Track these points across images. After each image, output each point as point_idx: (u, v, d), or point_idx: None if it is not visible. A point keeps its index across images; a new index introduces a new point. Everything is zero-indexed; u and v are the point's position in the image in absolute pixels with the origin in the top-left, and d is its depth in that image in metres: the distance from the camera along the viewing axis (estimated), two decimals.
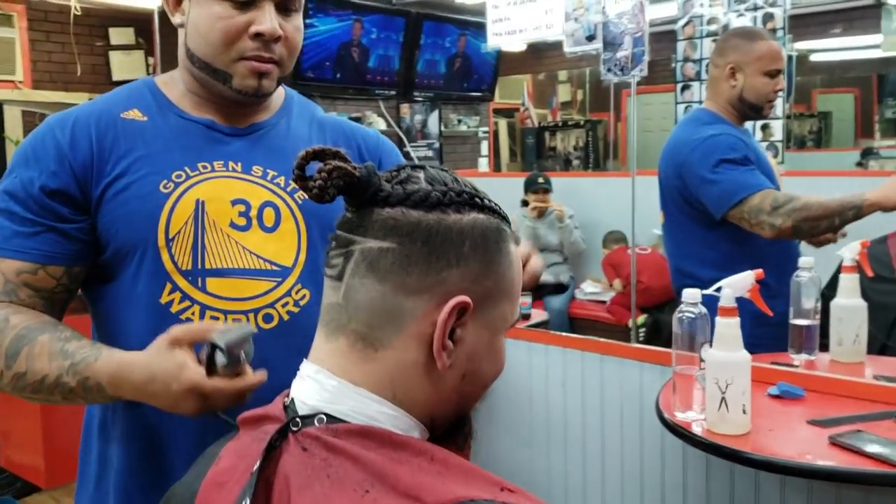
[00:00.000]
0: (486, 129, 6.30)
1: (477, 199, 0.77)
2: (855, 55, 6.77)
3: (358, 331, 0.74)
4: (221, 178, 1.10)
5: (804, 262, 1.89)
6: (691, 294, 1.53)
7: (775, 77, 2.22)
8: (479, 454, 2.32)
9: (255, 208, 1.09)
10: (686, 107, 4.31)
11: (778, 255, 2.10)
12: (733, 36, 2.37)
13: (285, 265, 1.09)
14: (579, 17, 2.23)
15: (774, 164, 2.55)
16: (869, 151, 6.11)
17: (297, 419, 0.74)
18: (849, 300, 1.87)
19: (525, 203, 4.81)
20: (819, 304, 1.88)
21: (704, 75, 4.14)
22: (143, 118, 1.12)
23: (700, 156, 2.12)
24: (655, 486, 1.99)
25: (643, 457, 2.02)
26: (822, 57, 6.99)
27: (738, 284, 1.54)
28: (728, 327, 1.46)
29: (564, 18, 2.30)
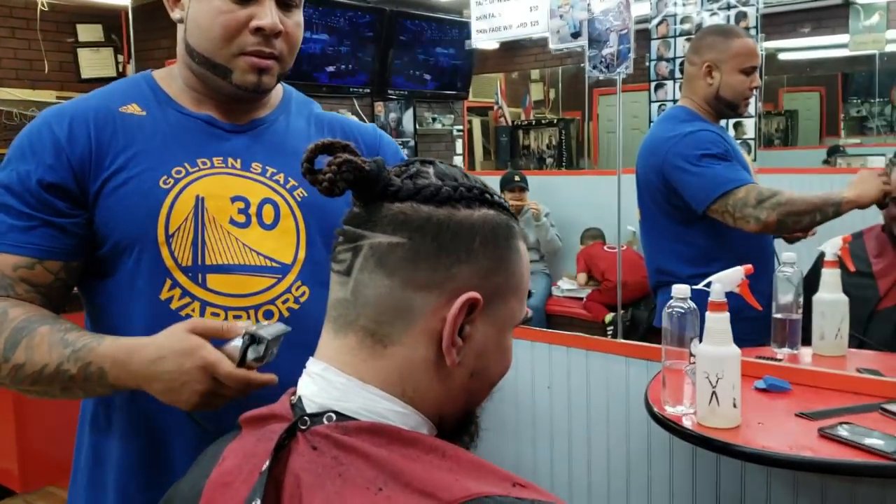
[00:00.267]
0: (460, 127, 6.30)
1: (487, 195, 0.76)
2: (821, 54, 6.88)
3: (366, 327, 0.74)
4: (221, 174, 1.09)
5: (787, 257, 1.91)
6: (681, 290, 1.54)
7: (751, 74, 2.24)
8: None
9: (254, 205, 1.09)
10: (660, 105, 4.35)
11: (753, 252, 2.12)
12: (709, 34, 2.40)
13: (285, 262, 1.09)
14: (564, 14, 2.23)
15: (749, 162, 2.58)
16: (836, 149, 6.21)
17: (306, 417, 0.73)
18: (831, 295, 1.90)
19: None
20: (801, 298, 1.90)
21: (678, 74, 4.17)
22: (141, 113, 1.11)
23: (681, 151, 2.14)
24: (641, 480, 2.00)
25: (629, 451, 2.02)
26: (790, 56, 7.10)
27: (728, 279, 1.55)
28: (718, 322, 1.46)
29: (549, 15, 2.30)
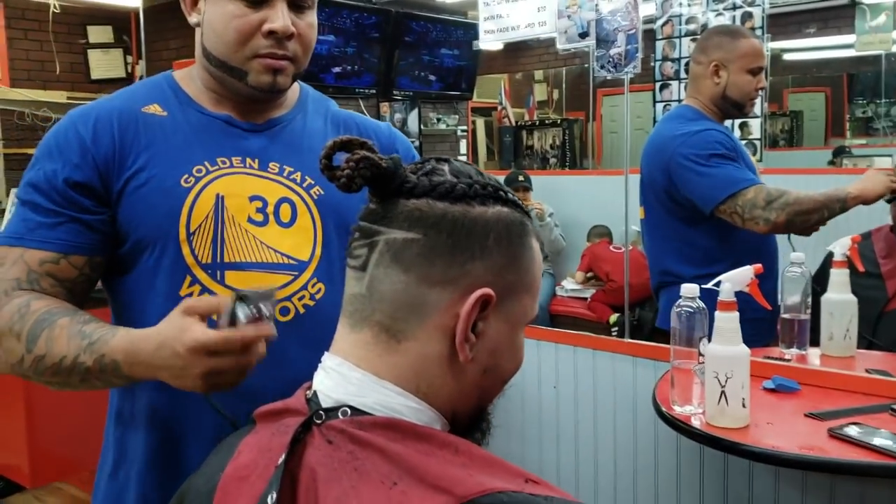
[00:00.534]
0: (464, 127, 6.31)
1: (501, 193, 0.77)
2: (827, 55, 6.86)
3: (381, 322, 0.74)
4: (239, 174, 1.11)
5: (795, 257, 1.91)
6: (690, 289, 1.54)
7: (758, 75, 2.24)
8: None
9: (271, 204, 1.11)
10: (665, 105, 4.34)
11: (756, 253, 2.12)
12: (716, 34, 2.39)
13: (302, 259, 1.10)
14: (572, 14, 2.23)
15: (754, 162, 2.58)
16: (841, 150, 6.20)
17: (321, 412, 0.73)
18: (839, 295, 1.89)
19: None
20: (810, 298, 1.90)
21: (683, 74, 4.16)
22: (163, 113, 1.13)
23: (690, 150, 2.13)
24: (648, 480, 2.00)
25: (636, 451, 2.02)
26: (795, 56, 7.08)
27: (738, 279, 1.55)
28: (727, 321, 1.47)
29: (557, 16, 2.30)
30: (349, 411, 0.73)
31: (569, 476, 2.18)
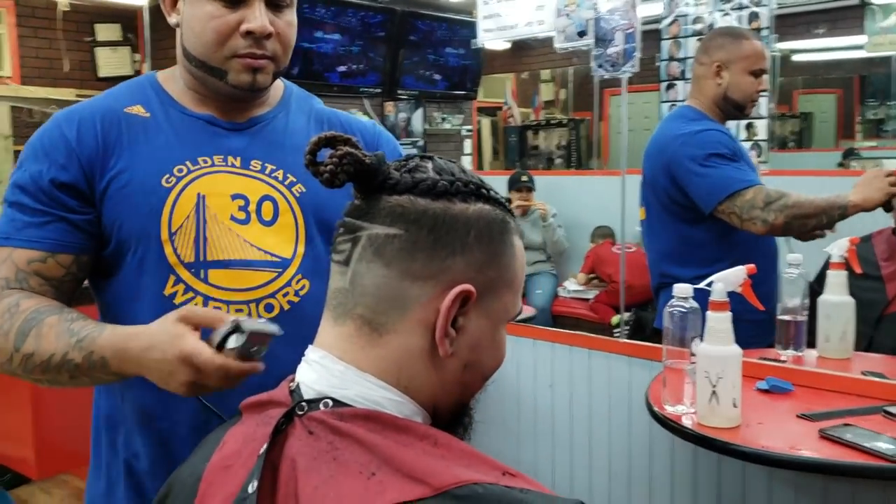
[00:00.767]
0: (469, 127, 6.32)
1: (483, 191, 0.78)
2: (838, 55, 6.83)
3: (364, 315, 0.75)
4: (221, 173, 1.12)
5: (792, 258, 1.91)
6: (682, 289, 1.54)
7: (759, 77, 2.25)
8: None
9: (253, 203, 1.11)
10: (671, 105, 4.33)
11: (757, 254, 2.12)
12: (719, 35, 2.40)
13: (285, 256, 1.11)
14: (571, 14, 2.24)
15: (756, 163, 2.58)
16: (851, 152, 6.18)
17: (303, 403, 0.75)
18: (837, 297, 1.89)
19: (508, 201, 4.81)
20: (807, 300, 1.90)
21: (689, 74, 4.16)
22: (146, 114, 1.14)
23: (690, 150, 2.14)
24: (643, 480, 2.01)
25: (631, 451, 2.03)
26: (805, 57, 7.05)
27: (730, 279, 1.55)
28: (719, 321, 1.47)
29: (556, 14, 2.31)
30: (331, 403, 0.74)
31: (563, 474, 2.19)
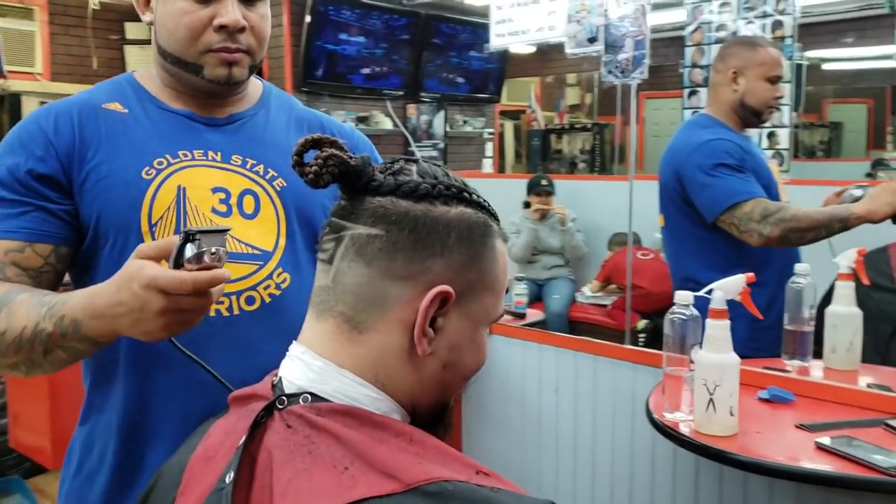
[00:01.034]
0: (491, 130, 6.32)
1: (465, 194, 0.79)
2: (869, 65, 6.74)
3: (344, 313, 0.77)
4: (201, 166, 1.12)
5: (800, 268, 1.90)
6: (683, 296, 1.55)
7: (775, 83, 2.25)
8: (470, 451, 2.34)
9: (234, 196, 1.12)
10: (693, 111, 4.32)
11: (779, 259, 2.12)
12: (735, 44, 2.41)
13: (266, 250, 1.12)
14: (581, 20, 2.25)
15: (777, 172, 2.57)
16: (880, 162, 6.09)
17: (283, 397, 0.77)
18: (844, 308, 1.88)
19: (527, 205, 4.80)
20: (815, 310, 1.89)
21: None
22: (124, 110, 1.14)
23: (697, 159, 2.14)
24: (645, 487, 2.01)
25: (633, 457, 2.03)
26: (835, 66, 6.97)
27: (730, 287, 1.55)
28: (718, 329, 1.47)
29: (567, 20, 2.32)
30: (310, 398, 0.76)
31: (566, 479, 2.19)
